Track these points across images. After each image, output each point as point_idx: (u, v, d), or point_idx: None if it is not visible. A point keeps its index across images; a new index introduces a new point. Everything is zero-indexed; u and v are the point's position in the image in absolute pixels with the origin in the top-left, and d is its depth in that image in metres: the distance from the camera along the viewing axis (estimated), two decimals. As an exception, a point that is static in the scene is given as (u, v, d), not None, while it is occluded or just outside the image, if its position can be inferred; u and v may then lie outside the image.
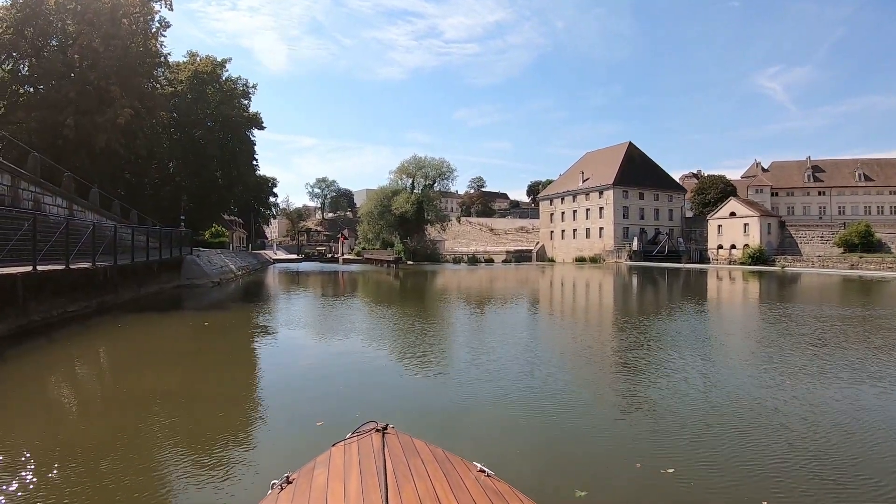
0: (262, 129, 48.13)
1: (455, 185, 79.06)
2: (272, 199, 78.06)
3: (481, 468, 2.33)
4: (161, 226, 27.11)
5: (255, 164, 49.82)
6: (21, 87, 30.34)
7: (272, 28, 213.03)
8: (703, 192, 73.73)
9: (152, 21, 32.35)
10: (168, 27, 33.62)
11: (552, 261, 72.22)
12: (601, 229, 68.44)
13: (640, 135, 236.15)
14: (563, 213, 75.61)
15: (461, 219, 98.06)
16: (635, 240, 65.16)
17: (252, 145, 47.29)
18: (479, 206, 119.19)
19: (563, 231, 75.16)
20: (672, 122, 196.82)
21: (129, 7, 29.60)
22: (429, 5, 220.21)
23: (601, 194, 68.91)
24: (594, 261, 65.43)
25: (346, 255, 65.85)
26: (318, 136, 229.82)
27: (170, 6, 33.05)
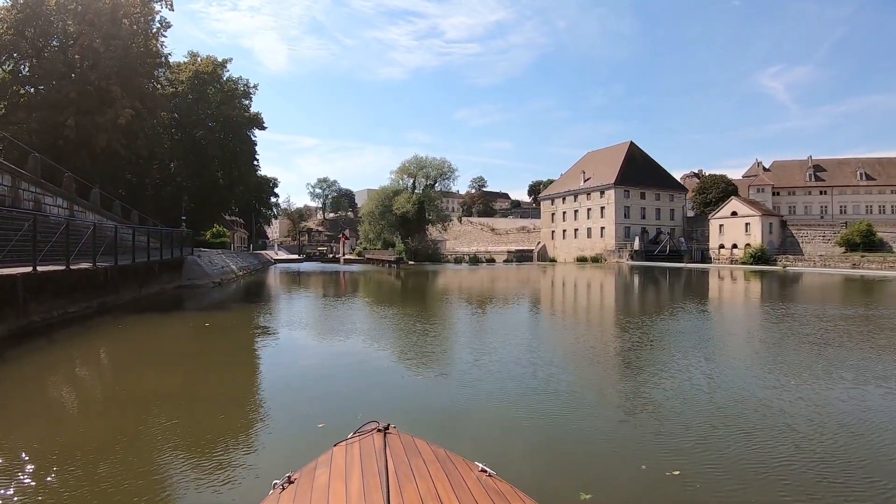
0: (263, 129, 48.21)
1: (456, 185, 78.98)
2: (273, 200, 78.35)
3: (483, 468, 2.32)
4: (162, 226, 27.10)
5: (256, 164, 49.82)
6: (22, 88, 30.34)
7: (273, 28, 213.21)
8: (705, 192, 73.61)
9: (153, 21, 32.35)
10: (169, 27, 33.63)
11: (553, 261, 72.15)
12: (602, 229, 68.39)
13: (641, 134, 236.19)
14: (565, 212, 75.54)
15: (462, 219, 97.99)
16: (637, 239, 65.10)
17: (253, 145, 47.26)
18: (481, 206, 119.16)
19: (565, 231, 75.09)
20: (673, 122, 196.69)
21: (130, 7, 29.60)
22: (430, 5, 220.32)
23: (602, 194, 68.85)
24: (595, 260, 65.37)
25: (347, 256, 65.78)
26: (319, 137, 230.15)
27: (170, 6, 33.08)
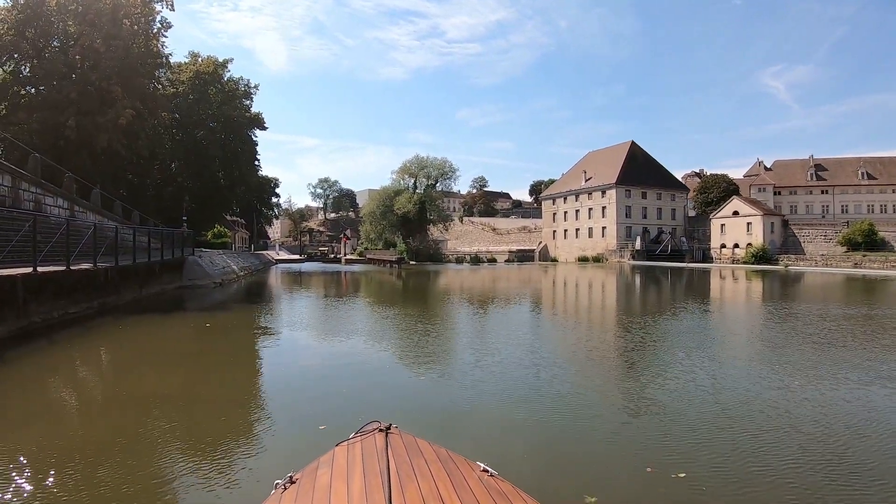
0: (264, 129, 48.20)
1: (457, 184, 79.06)
2: (274, 200, 78.35)
3: (485, 468, 2.32)
4: (163, 226, 27.09)
5: (257, 164, 49.77)
6: (22, 89, 30.33)
7: (274, 28, 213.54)
8: (706, 191, 73.50)
9: (153, 22, 32.32)
10: (169, 28, 33.58)
11: (555, 260, 72.07)
12: (604, 229, 68.32)
13: (642, 134, 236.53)
14: (566, 212, 75.46)
15: (464, 219, 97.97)
16: (638, 239, 65.02)
17: (254, 146, 47.21)
18: (482, 206, 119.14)
19: (566, 230, 75.02)
20: (674, 122, 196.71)
21: (131, 8, 29.59)
22: (431, 5, 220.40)
23: (604, 193, 68.78)
24: (597, 260, 65.28)
25: (348, 256, 65.72)
26: (321, 137, 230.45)
27: (171, 7, 33.04)
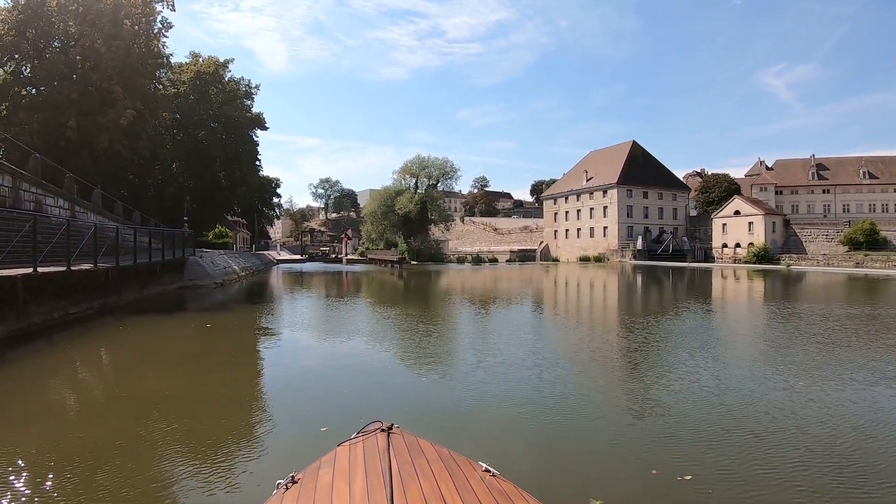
0: (265, 129, 48.22)
1: (458, 184, 79.04)
2: (276, 200, 77.98)
3: (487, 468, 2.31)
4: (164, 227, 27.04)
5: (258, 164, 49.80)
6: (23, 89, 30.36)
7: (274, 29, 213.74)
8: (708, 191, 73.42)
9: (154, 22, 32.33)
10: (170, 28, 33.63)
11: (556, 260, 72.01)
12: (605, 228, 68.25)
13: (643, 134, 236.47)
14: (567, 212, 75.40)
15: (465, 218, 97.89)
16: (639, 239, 64.95)
17: (255, 146, 47.22)
18: (483, 206, 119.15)
19: (567, 230, 74.96)
20: (675, 122, 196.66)
21: (131, 8, 29.59)
22: (431, 5, 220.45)
23: (605, 193, 68.70)
24: (598, 260, 65.23)
25: (349, 256, 65.76)
26: (322, 137, 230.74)
27: (172, 7, 33.06)
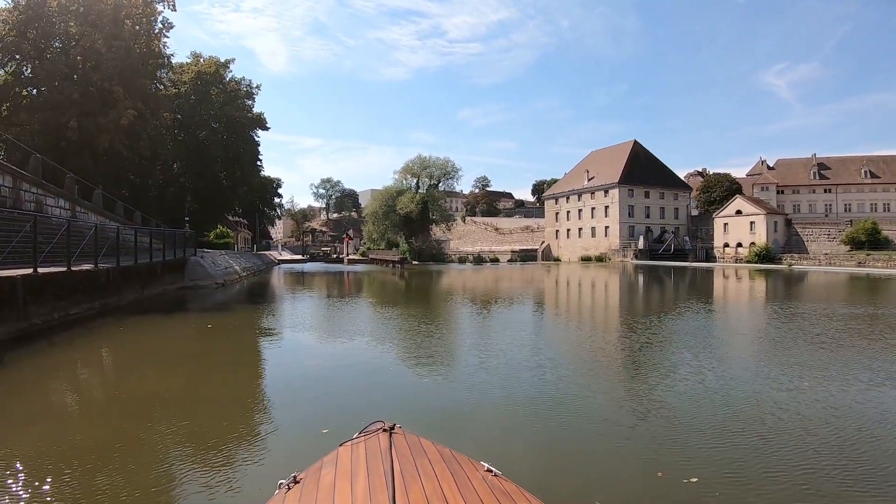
0: (267, 129, 48.26)
1: (460, 184, 78.90)
2: (277, 200, 77.99)
3: (489, 468, 2.31)
4: (165, 227, 27.03)
5: (259, 164, 49.84)
6: (24, 89, 30.38)
7: (275, 29, 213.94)
8: (709, 191, 73.33)
9: (155, 22, 32.34)
10: (171, 28, 33.64)
11: (558, 260, 71.93)
12: (607, 228, 68.16)
13: (645, 133, 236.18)
14: (569, 212, 75.32)
15: (466, 218, 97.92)
16: (641, 238, 64.86)
17: (256, 146, 47.24)
18: (484, 206, 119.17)
19: (569, 230, 74.88)
20: (676, 121, 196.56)
21: (132, 8, 29.59)
22: (432, 5, 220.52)
23: (607, 193, 68.61)
24: (600, 260, 65.16)
25: (351, 256, 65.72)
26: (323, 137, 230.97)
27: (173, 7, 33.06)
